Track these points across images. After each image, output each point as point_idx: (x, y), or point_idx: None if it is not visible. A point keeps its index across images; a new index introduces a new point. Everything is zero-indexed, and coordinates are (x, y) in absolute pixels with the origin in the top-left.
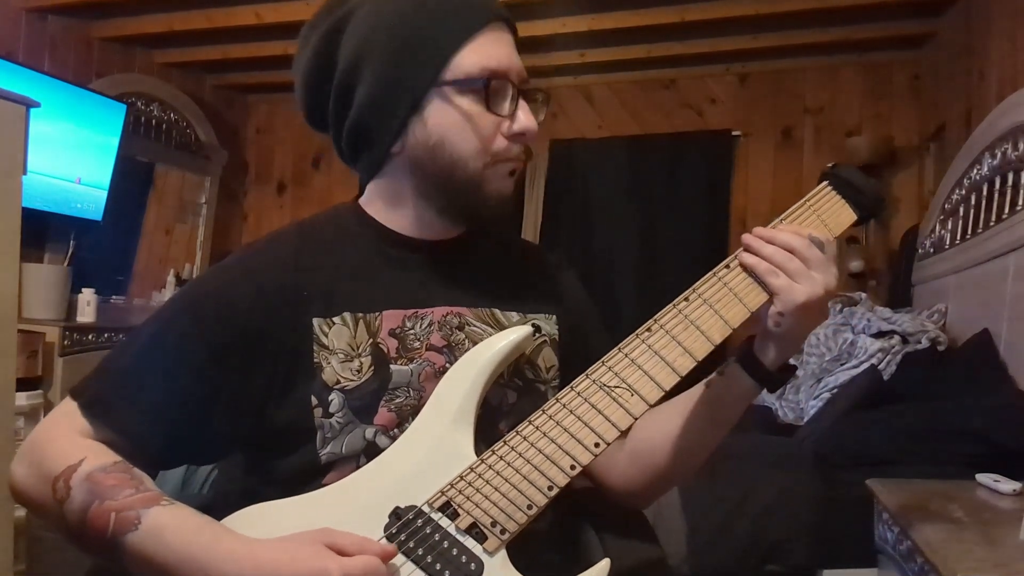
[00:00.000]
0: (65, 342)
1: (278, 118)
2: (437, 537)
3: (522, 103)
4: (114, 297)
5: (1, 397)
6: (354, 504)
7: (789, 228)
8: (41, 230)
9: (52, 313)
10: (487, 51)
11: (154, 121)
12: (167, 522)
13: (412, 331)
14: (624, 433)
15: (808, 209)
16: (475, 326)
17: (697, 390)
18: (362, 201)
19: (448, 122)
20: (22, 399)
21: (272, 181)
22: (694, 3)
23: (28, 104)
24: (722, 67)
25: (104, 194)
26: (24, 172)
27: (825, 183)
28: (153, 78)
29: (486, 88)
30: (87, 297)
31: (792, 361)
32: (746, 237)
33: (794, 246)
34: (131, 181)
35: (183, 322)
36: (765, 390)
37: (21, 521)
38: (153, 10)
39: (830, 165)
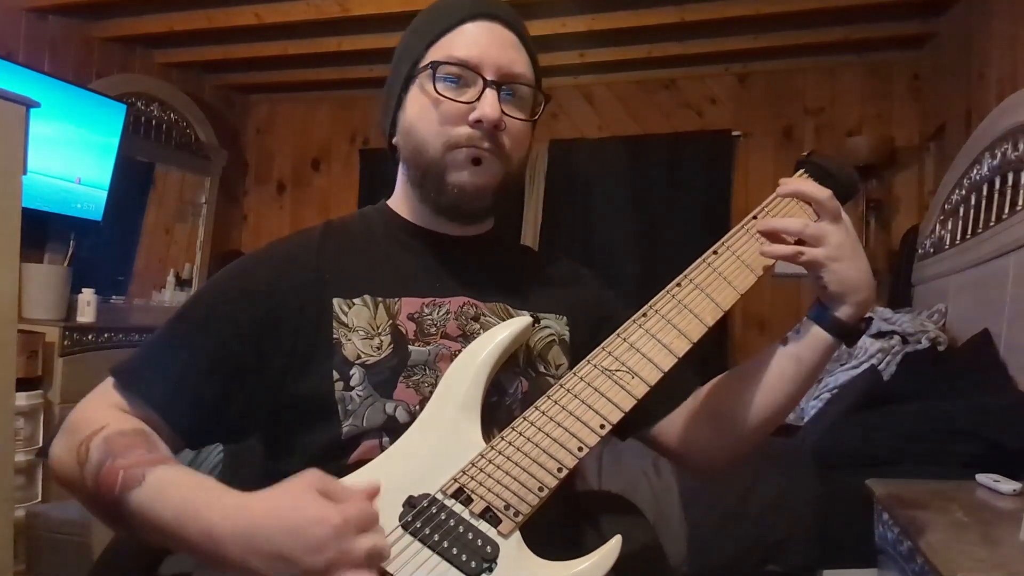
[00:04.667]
0: (65, 342)
1: (278, 118)
2: (452, 523)
3: (490, 94)
4: (114, 297)
5: (1, 397)
6: None
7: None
8: (41, 230)
9: (52, 313)
10: (459, 41)
11: (154, 121)
12: (169, 479)
13: (429, 317)
14: (628, 414)
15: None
16: (489, 318)
17: (773, 350)
18: (389, 200)
19: (417, 107)
20: (22, 399)
21: (272, 181)
22: (694, 3)
23: (28, 104)
24: (722, 67)
25: (104, 194)
26: (24, 172)
27: (802, 171)
28: (153, 78)
29: (433, 72)
30: (87, 297)
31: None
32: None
33: (816, 197)
34: (131, 181)
35: (209, 301)
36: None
37: (21, 521)
38: (153, 10)
39: (805, 153)
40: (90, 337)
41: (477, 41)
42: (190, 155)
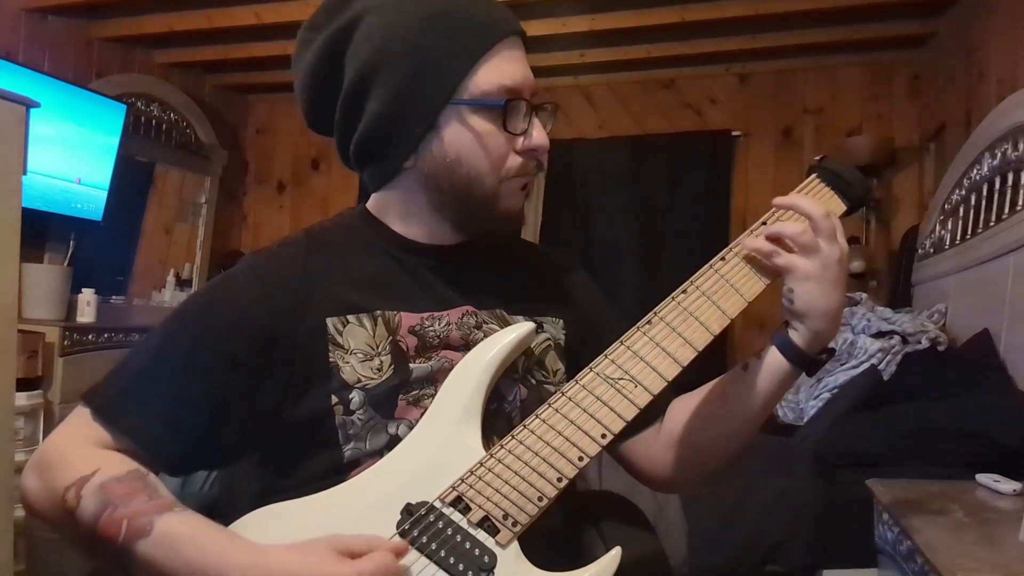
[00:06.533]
0: (65, 342)
1: (278, 118)
2: (449, 532)
3: (535, 120)
4: (114, 297)
5: (1, 397)
6: (365, 502)
7: (804, 199)
8: (41, 230)
9: (52, 313)
10: (503, 68)
11: (154, 121)
12: (179, 530)
13: (431, 328)
14: (630, 423)
15: None
16: (490, 324)
17: (735, 374)
18: (371, 207)
19: (465, 140)
20: (22, 399)
21: (272, 181)
22: (694, 3)
23: (28, 104)
24: (722, 67)
25: (104, 194)
26: (24, 172)
27: (814, 176)
28: (153, 78)
29: (504, 109)
30: (87, 297)
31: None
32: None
33: (811, 214)
34: (131, 181)
35: (195, 328)
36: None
37: (21, 521)
38: (153, 10)
39: (818, 158)
40: (90, 337)
41: (514, 64)
42: (190, 155)
